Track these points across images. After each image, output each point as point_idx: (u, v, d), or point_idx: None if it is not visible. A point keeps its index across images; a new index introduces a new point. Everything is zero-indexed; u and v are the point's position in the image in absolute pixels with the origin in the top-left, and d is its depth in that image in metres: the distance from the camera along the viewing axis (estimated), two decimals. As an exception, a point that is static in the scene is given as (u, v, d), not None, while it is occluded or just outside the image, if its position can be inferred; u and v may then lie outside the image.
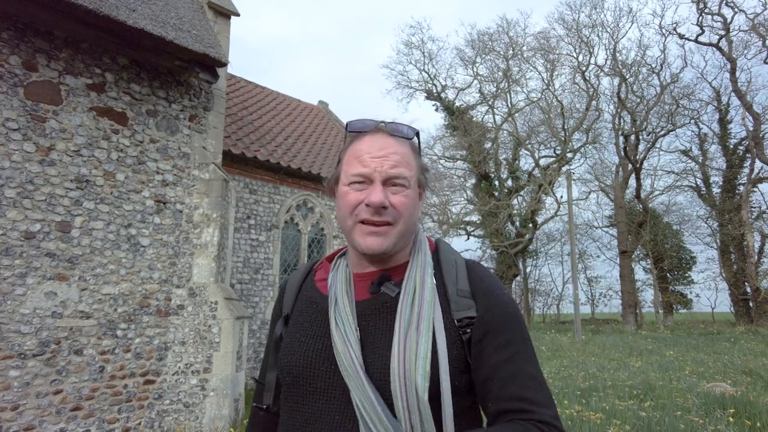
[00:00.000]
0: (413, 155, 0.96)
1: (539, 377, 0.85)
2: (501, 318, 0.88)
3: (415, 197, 0.95)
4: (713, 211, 24.69)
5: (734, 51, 22.65)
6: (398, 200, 0.90)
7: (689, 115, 25.10)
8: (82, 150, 5.03)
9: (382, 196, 0.87)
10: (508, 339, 0.86)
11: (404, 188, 0.91)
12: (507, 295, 0.92)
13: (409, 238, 0.96)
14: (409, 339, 0.83)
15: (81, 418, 4.75)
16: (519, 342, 0.87)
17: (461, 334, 0.87)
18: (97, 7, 4.65)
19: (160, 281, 5.52)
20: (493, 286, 0.92)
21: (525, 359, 0.86)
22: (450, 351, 0.84)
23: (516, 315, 0.90)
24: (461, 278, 0.92)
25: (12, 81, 4.62)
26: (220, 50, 5.91)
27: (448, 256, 0.97)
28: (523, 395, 0.82)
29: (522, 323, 0.90)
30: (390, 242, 0.89)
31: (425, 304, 0.87)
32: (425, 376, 0.80)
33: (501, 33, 27.02)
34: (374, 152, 0.90)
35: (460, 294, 0.89)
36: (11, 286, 4.46)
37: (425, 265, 0.93)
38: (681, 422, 4.66)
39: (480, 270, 0.96)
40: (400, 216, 0.90)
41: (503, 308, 0.89)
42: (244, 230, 8.27)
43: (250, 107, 10.76)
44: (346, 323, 0.89)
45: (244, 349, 5.91)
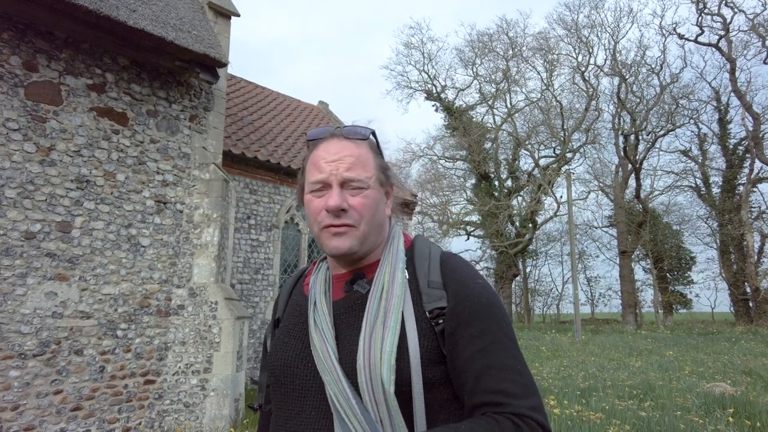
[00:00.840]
0: (371, 155, 0.97)
1: (517, 367, 0.83)
2: (473, 308, 0.86)
3: (378, 196, 0.95)
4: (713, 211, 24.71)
5: (734, 51, 22.66)
6: (357, 201, 0.91)
7: (689, 115, 25.11)
8: (83, 150, 5.03)
9: (338, 199, 0.89)
10: (482, 329, 0.84)
11: (362, 189, 0.92)
12: (481, 285, 0.90)
13: (378, 236, 0.97)
14: (374, 333, 0.84)
15: (81, 418, 4.76)
16: (494, 331, 0.84)
17: (433, 325, 0.86)
18: (98, 7, 4.65)
19: (161, 281, 5.52)
20: (466, 276, 0.91)
21: (501, 349, 0.83)
22: (421, 343, 0.84)
23: (490, 304, 0.87)
24: (433, 270, 0.92)
25: (12, 81, 4.63)
26: (220, 50, 5.91)
27: (422, 250, 0.97)
28: (497, 387, 0.80)
29: (498, 312, 0.87)
30: (353, 242, 0.91)
31: (393, 298, 0.87)
32: (390, 369, 0.80)
33: (500, 33, 27.05)
34: (329, 157, 0.92)
35: (432, 285, 0.89)
36: (11, 287, 4.46)
37: (396, 261, 0.94)
38: (681, 422, 4.67)
39: (453, 261, 0.95)
40: (360, 217, 0.91)
41: (476, 298, 0.87)
42: (244, 230, 8.27)
43: (250, 107, 10.77)
44: (323, 322, 0.91)
45: (244, 349, 5.91)
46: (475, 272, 0.94)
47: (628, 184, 26.19)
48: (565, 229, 27.78)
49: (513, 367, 0.82)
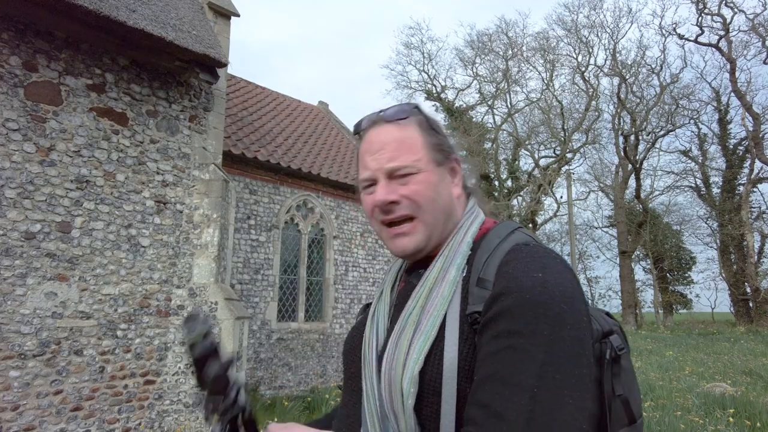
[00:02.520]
0: (418, 134, 0.84)
1: (530, 388, 0.60)
2: (510, 303, 0.66)
3: (435, 177, 0.83)
4: (713, 212, 24.70)
5: (734, 51, 22.66)
6: (409, 190, 0.80)
7: (689, 116, 25.12)
8: (83, 150, 5.03)
9: (383, 192, 0.80)
10: (507, 329, 0.64)
11: (412, 175, 0.81)
12: (538, 280, 0.67)
13: (449, 222, 0.85)
14: (402, 337, 0.73)
15: (81, 419, 4.75)
16: (522, 334, 0.63)
17: (474, 332, 0.70)
18: (97, 7, 4.65)
19: (161, 281, 5.52)
20: (521, 268, 0.70)
21: (518, 359, 0.62)
22: (461, 352, 0.69)
23: (537, 303, 0.65)
24: (490, 264, 0.74)
25: (12, 81, 4.62)
26: (220, 51, 5.91)
27: (492, 240, 0.79)
28: (487, 401, 0.61)
29: (544, 315, 0.64)
30: (419, 239, 0.81)
31: (437, 299, 0.74)
32: (412, 380, 0.68)
33: (500, 33, 27.05)
34: (371, 150, 0.84)
35: (480, 284, 0.73)
36: (11, 287, 4.46)
37: (455, 254, 0.79)
38: (681, 422, 4.67)
39: (517, 252, 0.74)
40: (418, 205, 0.80)
41: (520, 293, 0.66)
42: (244, 230, 8.27)
43: (250, 107, 10.76)
44: (381, 312, 0.85)
45: (244, 350, 5.91)
46: (542, 264, 0.70)
47: (628, 184, 26.19)
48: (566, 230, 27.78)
49: (523, 387, 0.60)
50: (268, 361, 8.26)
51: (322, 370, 9.10)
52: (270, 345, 8.34)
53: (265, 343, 8.28)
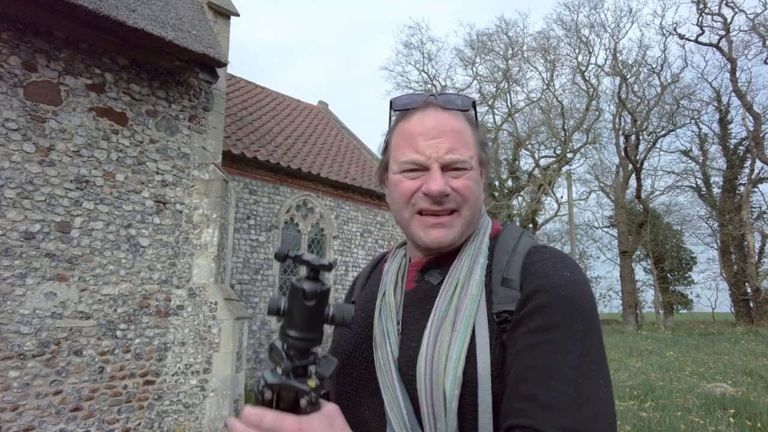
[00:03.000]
0: (471, 130, 0.83)
1: (575, 379, 0.62)
2: (544, 299, 0.68)
3: (479, 177, 0.83)
4: (714, 212, 24.69)
5: (734, 51, 22.64)
6: (461, 184, 0.79)
7: (689, 116, 25.11)
8: (82, 150, 5.02)
9: (442, 183, 0.77)
10: (543, 324, 0.67)
11: (465, 171, 0.79)
12: (567, 278, 0.71)
13: (475, 224, 0.85)
14: (441, 335, 0.71)
15: (81, 419, 4.75)
16: (559, 329, 0.66)
17: (501, 331, 0.71)
18: (97, 7, 4.64)
19: (160, 282, 5.51)
20: (549, 267, 0.73)
21: (558, 351, 0.64)
22: (493, 351, 0.70)
23: (570, 300, 0.68)
24: (513, 265, 0.76)
25: (12, 81, 4.62)
26: (220, 50, 5.91)
27: (507, 241, 0.81)
28: (533, 393, 0.63)
29: (578, 311, 0.68)
30: (456, 232, 0.80)
31: (468, 298, 0.74)
32: (455, 381, 0.68)
33: (500, 33, 27.04)
34: (427, 134, 0.79)
35: (505, 284, 0.74)
36: (11, 287, 4.45)
37: (477, 254, 0.79)
38: (681, 422, 4.66)
39: (540, 254, 0.77)
40: (465, 201, 0.80)
41: (553, 290, 0.69)
42: (243, 230, 8.27)
43: (250, 107, 10.76)
44: (388, 315, 0.81)
45: (243, 350, 5.91)
46: (566, 265, 0.74)
47: (629, 184, 26.17)
48: (566, 230, 27.77)
49: (566, 378, 0.63)
50: (267, 361, 8.25)
51: (322, 370, 9.09)
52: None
53: (265, 343, 8.28)
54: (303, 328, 0.62)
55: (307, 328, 0.62)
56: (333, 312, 0.64)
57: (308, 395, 0.60)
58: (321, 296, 0.62)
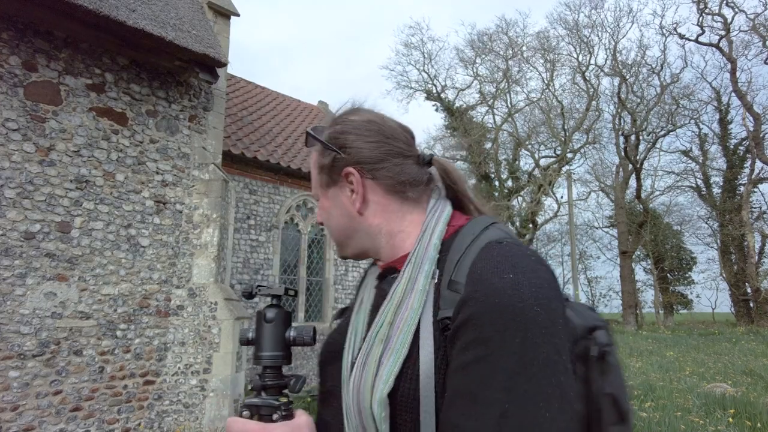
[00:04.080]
0: (314, 161, 0.88)
1: (499, 401, 0.54)
2: (477, 309, 0.60)
3: (329, 202, 0.84)
4: (714, 212, 24.69)
5: (734, 51, 22.64)
6: (318, 216, 0.89)
7: (689, 116, 25.11)
8: (82, 150, 5.02)
9: (318, 214, 0.89)
10: (476, 338, 0.58)
11: (319, 200, 0.87)
12: (508, 282, 0.60)
13: (366, 238, 0.81)
14: (371, 357, 0.67)
15: (81, 419, 4.75)
16: (490, 344, 0.57)
17: (446, 339, 0.64)
18: (97, 7, 4.64)
19: (160, 282, 5.51)
20: (491, 268, 0.63)
21: (487, 372, 0.56)
22: (438, 366, 0.63)
23: (505, 307, 0.58)
24: (462, 266, 0.67)
25: (12, 81, 4.62)
26: (220, 50, 5.91)
27: (464, 239, 0.72)
28: (456, 421, 0.57)
29: (515, 320, 0.57)
30: (342, 252, 0.88)
31: (408, 312, 0.68)
32: (382, 404, 0.63)
33: (500, 33, 27.04)
34: None
35: (451, 287, 0.66)
36: (11, 287, 4.45)
37: (422, 260, 0.72)
38: (681, 423, 4.66)
39: (490, 251, 0.67)
40: (327, 227, 0.87)
41: (488, 297, 0.60)
42: (243, 230, 8.27)
43: (250, 107, 10.76)
44: (360, 321, 0.79)
45: (243, 350, 5.90)
46: (513, 264, 0.63)
47: (629, 184, 26.17)
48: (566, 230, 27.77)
49: (491, 402, 0.55)
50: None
51: (322, 370, 9.10)
52: (270, 345, 8.33)
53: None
54: (268, 348, 0.71)
55: (271, 348, 0.71)
56: (294, 334, 0.72)
57: (278, 410, 0.67)
58: (280, 318, 0.72)
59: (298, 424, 0.67)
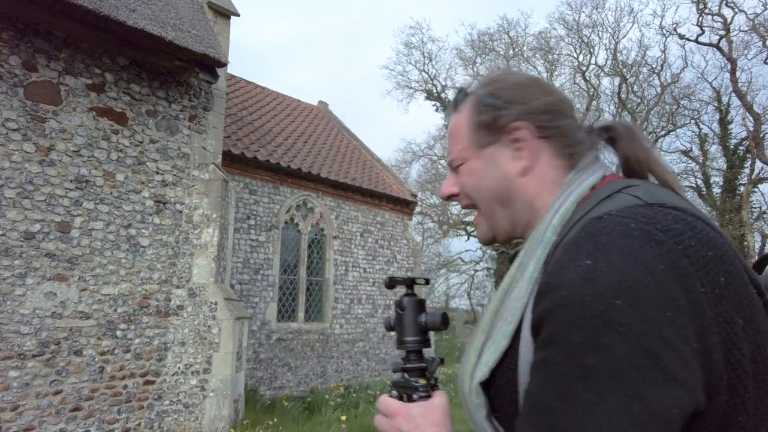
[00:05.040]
0: (465, 119, 0.76)
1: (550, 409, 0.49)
2: (549, 303, 0.53)
3: (478, 164, 0.74)
4: (714, 212, 24.70)
5: (734, 51, 22.64)
6: (461, 181, 0.77)
7: (689, 116, 25.12)
8: (82, 150, 5.03)
9: (444, 187, 0.79)
10: (545, 337, 0.53)
11: (461, 166, 0.76)
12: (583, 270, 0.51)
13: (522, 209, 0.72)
14: (475, 341, 0.66)
15: (81, 419, 4.75)
16: (553, 344, 0.51)
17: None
18: (97, 7, 4.64)
19: (160, 281, 5.51)
20: (569, 254, 0.55)
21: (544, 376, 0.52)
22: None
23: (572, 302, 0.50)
24: (557, 255, 0.58)
25: (12, 81, 4.62)
26: (220, 50, 5.91)
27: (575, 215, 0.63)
28: (517, 428, 0.54)
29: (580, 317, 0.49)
30: (483, 229, 0.77)
31: (513, 301, 0.62)
32: (475, 392, 0.62)
33: (501, 33, 27.06)
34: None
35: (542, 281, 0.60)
36: (11, 287, 4.45)
37: (538, 242, 0.64)
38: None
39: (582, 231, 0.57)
40: (470, 197, 0.76)
41: (558, 290, 0.52)
42: (243, 230, 8.27)
43: (250, 107, 10.76)
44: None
45: (243, 350, 5.91)
46: (597, 247, 0.53)
47: (629, 184, 26.17)
48: (566, 230, 27.77)
49: (544, 410, 0.50)
50: (267, 361, 8.25)
51: (322, 370, 9.10)
52: (270, 345, 8.34)
53: (265, 344, 8.28)
54: (409, 333, 0.76)
55: (412, 333, 0.76)
56: (425, 319, 0.77)
57: (417, 390, 0.72)
58: (413, 305, 0.77)
59: (433, 404, 0.69)
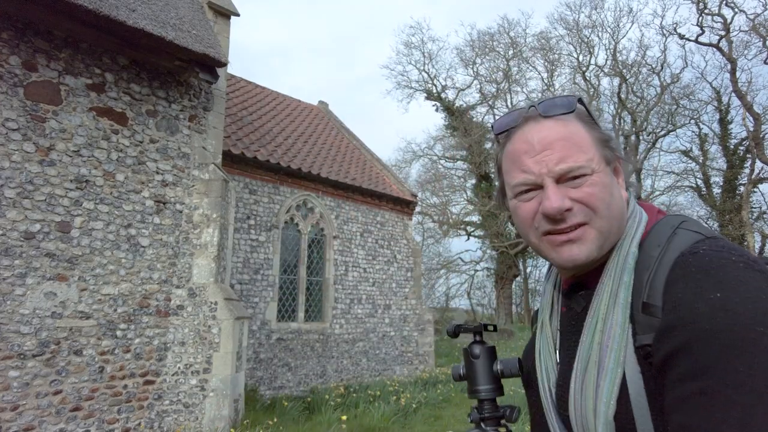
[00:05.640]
0: (585, 130, 0.73)
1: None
2: (686, 337, 0.55)
3: (608, 179, 0.72)
4: (714, 212, 24.70)
5: (734, 51, 22.65)
6: (583, 193, 0.69)
7: (689, 116, 25.11)
8: (82, 150, 5.02)
9: (557, 199, 0.68)
10: (691, 370, 0.54)
11: (585, 176, 0.70)
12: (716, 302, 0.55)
13: (620, 230, 0.72)
14: (587, 378, 0.65)
15: (81, 419, 4.75)
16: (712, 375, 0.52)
17: (650, 365, 0.61)
18: (97, 7, 4.64)
19: (160, 281, 5.51)
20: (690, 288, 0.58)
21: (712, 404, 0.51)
22: (648, 388, 0.61)
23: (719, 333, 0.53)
24: (655, 285, 0.63)
25: (12, 81, 4.62)
26: (220, 50, 5.91)
27: (651, 250, 0.67)
28: None
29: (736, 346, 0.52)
30: (591, 247, 0.69)
31: (615, 329, 0.64)
32: (607, 425, 0.62)
33: (501, 33, 27.07)
34: (532, 150, 0.72)
35: (646, 310, 0.62)
36: (11, 287, 4.45)
37: (622, 270, 0.68)
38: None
39: (686, 265, 0.61)
40: (594, 210, 0.69)
41: (695, 323, 0.55)
42: (243, 230, 8.27)
43: (250, 107, 10.76)
44: (545, 348, 0.78)
45: (243, 350, 5.91)
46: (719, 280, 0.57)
47: (629, 184, 26.18)
48: (566, 230, 27.75)
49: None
50: (267, 361, 8.25)
51: (322, 370, 9.10)
52: (270, 345, 8.34)
53: (265, 344, 8.28)
54: (483, 382, 0.77)
55: (485, 382, 0.77)
56: (501, 367, 0.78)
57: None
58: (485, 353, 0.77)
59: None
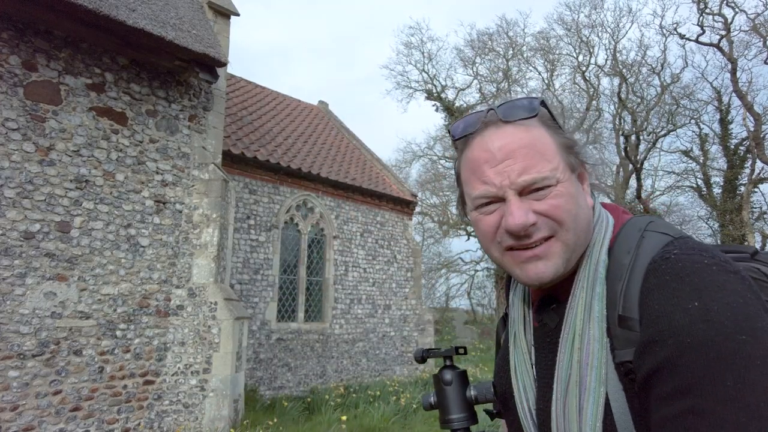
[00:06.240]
0: (548, 135, 0.68)
1: None
2: (669, 353, 0.52)
3: (573, 188, 0.67)
4: (714, 212, 24.69)
5: (735, 51, 22.63)
6: (548, 205, 0.65)
7: (690, 116, 25.10)
8: (82, 150, 5.02)
9: (521, 215, 0.64)
10: (677, 387, 0.51)
11: (551, 187, 0.65)
12: (696, 311, 0.52)
13: (586, 240, 0.68)
14: (569, 399, 0.62)
15: (80, 419, 4.75)
16: (700, 392, 0.49)
17: (631, 381, 0.58)
18: (97, 7, 4.64)
19: (160, 281, 5.51)
20: (667, 298, 0.55)
21: (703, 422, 0.49)
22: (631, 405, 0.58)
23: (703, 345, 0.50)
24: (630, 295, 0.59)
25: (12, 81, 4.62)
26: (220, 50, 5.90)
27: (621, 258, 0.64)
28: None
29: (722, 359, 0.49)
30: (557, 262, 0.65)
31: (591, 344, 0.61)
32: None
33: (501, 33, 27.06)
34: (493, 159, 0.66)
35: (623, 324, 0.59)
36: (10, 287, 4.45)
37: (594, 280, 0.64)
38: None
39: (660, 273, 0.58)
40: (560, 223, 0.65)
41: (676, 336, 0.52)
42: (243, 230, 8.26)
43: (250, 107, 10.76)
44: (521, 364, 0.73)
45: (243, 350, 5.90)
46: (694, 287, 0.54)
47: (629, 184, 26.19)
48: (566, 230, 27.74)
49: None
50: (267, 361, 8.25)
51: (322, 370, 9.09)
52: (269, 345, 8.33)
53: (265, 344, 8.28)
54: (455, 411, 0.72)
55: (458, 410, 0.72)
56: (475, 393, 0.73)
57: None
58: (457, 379, 0.73)
59: None
